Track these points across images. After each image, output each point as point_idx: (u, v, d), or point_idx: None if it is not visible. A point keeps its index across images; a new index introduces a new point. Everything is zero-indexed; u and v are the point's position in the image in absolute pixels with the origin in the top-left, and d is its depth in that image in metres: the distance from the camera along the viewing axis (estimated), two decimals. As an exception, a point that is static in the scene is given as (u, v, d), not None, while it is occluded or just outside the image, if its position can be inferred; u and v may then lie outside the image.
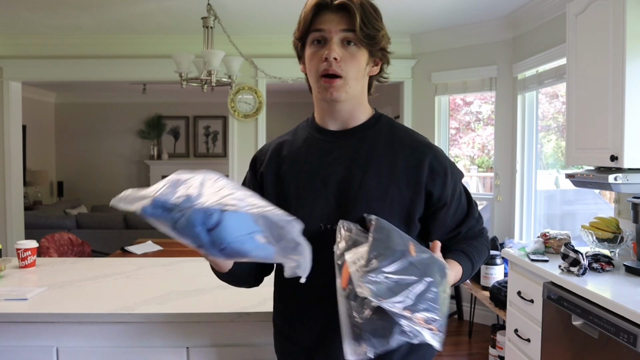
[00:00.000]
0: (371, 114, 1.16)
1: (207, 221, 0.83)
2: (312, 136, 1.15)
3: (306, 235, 1.03)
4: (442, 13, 3.83)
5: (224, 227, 0.84)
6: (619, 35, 2.14)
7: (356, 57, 1.05)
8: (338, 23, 1.03)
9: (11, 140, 4.60)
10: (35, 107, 7.38)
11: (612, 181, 2.13)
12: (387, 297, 0.86)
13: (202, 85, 3.36)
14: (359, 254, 0.92)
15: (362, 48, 1.05)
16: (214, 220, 0.83)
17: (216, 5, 3.33)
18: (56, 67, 4.58)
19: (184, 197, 0.85)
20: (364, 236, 0.97)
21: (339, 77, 1.04)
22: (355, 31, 1.02)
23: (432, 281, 0.92)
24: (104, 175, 8.21)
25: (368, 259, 0.90)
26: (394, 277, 0.89)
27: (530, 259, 2.44)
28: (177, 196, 0.86)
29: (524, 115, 3.87)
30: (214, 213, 0.84)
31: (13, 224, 4.64)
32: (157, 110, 8.25)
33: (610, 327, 1.76)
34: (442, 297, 0.93)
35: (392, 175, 1.08)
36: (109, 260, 2.44)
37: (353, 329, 0.88)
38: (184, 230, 0.85)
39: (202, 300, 1.71)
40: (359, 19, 1.02)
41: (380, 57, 1.11)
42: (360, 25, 1.02)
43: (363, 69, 1.07)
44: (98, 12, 3.81)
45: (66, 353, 1.58)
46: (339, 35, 1.04)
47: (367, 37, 1.04)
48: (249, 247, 0.86)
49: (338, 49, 1.03)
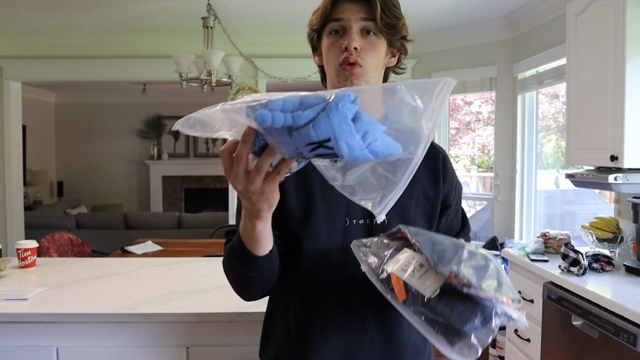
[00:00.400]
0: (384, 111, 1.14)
1: (352, 109, 0.64)
2: None
3: (332, 230, 1.02)
4: (442, 13, 3.83)
5: (366, 118, 0.66)
6: (619, 35, 2.14)
7: (376, 46, 1.02)
8: (357, 12, 1.00)
9: (11, 140, 4.60)
10: (35, 107, 7.38)
11: (612, 181, 2.13)
12: (482, 283, 0.80)
13: (202, 85, 3.36)
14: (403, 260, 0.86)
15: (381, 38, 1.02)
16: (355, 108, 0.64)
17: (216, 5, 3.33)
18: (56, 67, 4.58)
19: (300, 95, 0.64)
20: (393, 245, 0.91)
21: (359, 66, 1.00)
22: (375, 20, 0.99)
23: (497, 265, 0.86)
24: (104, 175, 8.22)
25: (429, 256, 0.83)
26: (469, 263, 0.82)
27: (530, 259, 2.44)
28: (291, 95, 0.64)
29: (524, 115, 3.87)
30: (355, 99, 0.64)
31: (13, 224, 4.64)
32: (157, 110, 8.25)
33: (610, 327, 1.76)
34: (508, 278, 0.87)
35: (417, 171, 1.07)
36: (109, 260, 2.44)
37: (443, 333, 0.80)
38: (332, 126, 0.62)
39: (202, 300, 1.71)
40: (380, 8, 0.99)
41: (399, 47, 1.08)
42: (380, 14, 0.99)
43: (382, 59, 1.04)
44: (98, 12, 3.81)
45: (66, 353, 1.58)
46: (359, 24, 1.00)
47: (388, 26, 1.01)
48: (389, 140, 0.68)
49: (358, 38, 1.00)
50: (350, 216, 1.04)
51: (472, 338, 0.80)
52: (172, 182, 8.41)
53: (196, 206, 8.30)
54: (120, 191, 8.28)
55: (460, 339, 0.80)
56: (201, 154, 8.45)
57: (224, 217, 5.24)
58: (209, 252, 3.26)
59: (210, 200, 8.38)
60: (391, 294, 0.84)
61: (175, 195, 8.45)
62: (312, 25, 1.07)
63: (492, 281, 0.81)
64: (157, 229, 5.27)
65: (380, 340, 1.04)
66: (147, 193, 8.35)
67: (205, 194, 8.49)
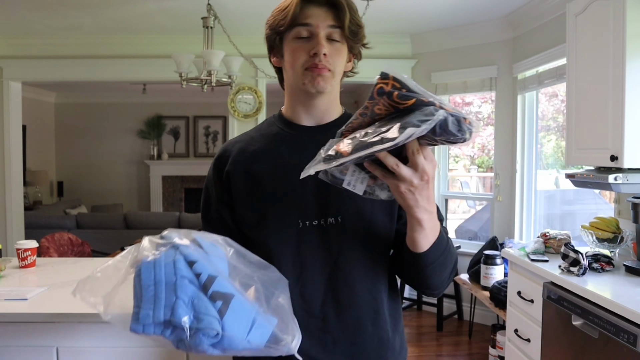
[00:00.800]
0: (342, 111, 1.16)
1: (210, 341, 0.78)
2: (284, 132, 1.11)
3: (285, 233, 1.04)
4: (442, 13, 3.83)
5: (228, 336, 0.78)
6: (619, 35, 2.14)
7: (341, 52, 1.04)
8: (325, 18, 1.01)
9: (11, 140, 4.60)
10: (35, 107, 7.37)
11: (612, 181, 2.13)
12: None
13: (202, 85, 3.36)
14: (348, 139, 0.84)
15: (344, 44, 1.04)
16: (217, 339, 0.77)
17: (216, 5, 3.33)
18: (56, 67, 4.58)
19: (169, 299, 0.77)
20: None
21: (328, 71, 1.03)
22: (343, 28, 1.01)
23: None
24: (104, 175, 8.21)
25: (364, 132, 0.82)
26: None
27: (530, 259, 2.44)
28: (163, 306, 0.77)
29: (524, 115, 3.87)
30: (216, 333, 0.77)
31: (13, 224, 4.64)
32: (157, 110, 8.25)
33: (610, 327, 1.76)
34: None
35: None
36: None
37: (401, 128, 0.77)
38: (190, 350, 0.80)
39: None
40: (348, 15, 1.01)
41: (357, 52, 1.10)
42: (348, 23, 1.01)
43: (344, 64, 1.07)
44: (98, 12, 3.81)
45: (66, 353, 1.58)
46: (326, 30, 1.01)
47: (352, 34, 1.03)
48: (256, 338, 0.80)
49: (326, 44, 1.01)
50: (303, 218, 1.05)
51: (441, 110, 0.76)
52: (172, 182, 8.41)
53: (196, 206, 8.30)
54: (120, 191, 8.28)
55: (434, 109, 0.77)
56: (201, 154, 8.45)
57: (224, 217, 5.23)
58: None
59: (210, 200, 8.36)
60: (340, 158, 0.82)
61: (175, 195, 8.45)
62: (275, 26, 1.05)
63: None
64: (157, 229, 5.23)
65: (342, 339, 1.05)
66: (147, 193, 8.35)
67: (205, 194, 8.47)
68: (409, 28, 4.31)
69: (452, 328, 4.06)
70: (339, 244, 1.05)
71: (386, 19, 3.95)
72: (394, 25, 4.19)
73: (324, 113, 1.11)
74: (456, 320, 4.21)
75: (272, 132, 1.13)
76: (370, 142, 0.79)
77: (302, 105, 1.10)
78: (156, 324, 0.76)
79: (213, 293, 0.77)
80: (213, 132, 8.43)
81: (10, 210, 4.62)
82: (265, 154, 1.10)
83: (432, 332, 3.99)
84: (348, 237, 1.05)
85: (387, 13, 3.79)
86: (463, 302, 4.21)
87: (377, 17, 3.82)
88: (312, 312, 1.05)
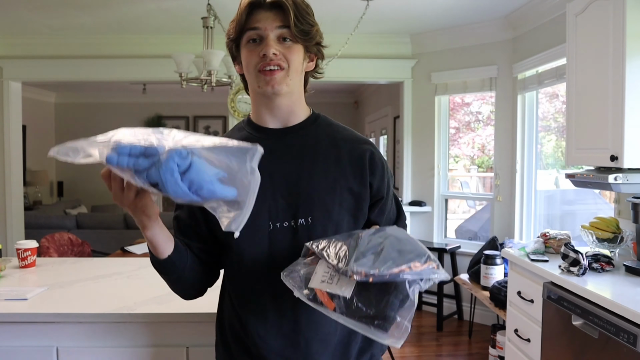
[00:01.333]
0: (309, 112, 1.17)
1: (182, 164, 0.80)
2: (252, 135, 1.13)
3: (256, 235, 1.06)
4: (442, 13, 3.83)
5: (197, 169, 0.81)
6: (619, 35, 2.14)
7: (293, 51, 1.07)
8: (273, 20, 1.05)
9: (11, 140, 4.60)
10: (35, 107, 7.38)
11: (612, 181, 2.13)
12: (381, 267, 0.86)
13: (202, 85, 3.36)
14: (320, 272, 0.93)
15: (297, 43, 1.07)
16: (187, 162, 0.80)
17: (216, 5, 3.33)
18: (56, 67, 4.58)
19: (149, 139, 0.80)
20: (309, 262, 0.98)
21: (280, 69, 1.05)
22: (290, 27, 1.04)
23: (397, 234, 0.95)
24: (104, 175, 8.20)
25: (334, 264, 0.91)
26: (368, 252, 0.90)
27: (530, 259, 2.44)
28: (139, 140, 0.80)
29: (524, 115, 3.87)
30: (187, 154, 0.80)
31: (13, 224, 4.64)
32: (157, 110, 8.25)
33: (610, 327, 1.76)
34: (414, 240, 0.95)
35: (339, 169, 1.11)
36: (109, 260, 2.44)
37: (376, 325, 0.87)
38: (160, 176, 0.79)
39: (202, 300, 1.71)
40: (293, 16, 1.04)
41: (315, 52, 1.13)
42: (294, 21, 1.04)
43: (300, 63, 1.09)
44: (98, 12, 3.81)
45: (66, 353, 1.58)
46: (275, 32, 1.05)
47: (302, 33, 1.06)
48: (218, 188, 0.83)
49: (275, 45, 1.04)
50: (274, 219, 1.07)
51: (398, 319, 0.86)
52: (172, 182, 8.40)
53: (196, 206, 8.29)
54: (120, 191, 8.28)
55: (389, 323, 0.86)
56: (201, 154, 8.45)
57: (224, 217, 5.23)
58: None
59: (210, 200, 8.37)
60: (323, 307, 0.91)
61: (175, 195, 8.44)
62: (230, 35, 1.10)
63: (393, 256, 0.87)
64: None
65: (313, 339, 1.08)
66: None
67: (205, 194, 8.48)
68: (409, 28, 4.31)
69: (452, 328, 4.06)
70: None
71: (386, 19, 3.95)
72: (394, 25, 4.19)
73: (288, 114, 1.13)
74: (456, 320, 4.21)
75: (242, 137, 1.13)
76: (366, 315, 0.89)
77: (265, 108, 1.12)
78: (131, 156, 0.79)
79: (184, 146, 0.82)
80: (213, 132, 8.42)
81: (10, 210, 4.62)
82: None
83: (432, 332, 3.99)
84: (318, 238, 1.06)
85: (387, 13, 3.79)
86: (463, 302, 4.21)
87: (377, 17, 3.82)
88: (284, 314, 1.07)
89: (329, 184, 1.09)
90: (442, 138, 4.52)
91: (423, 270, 0.87)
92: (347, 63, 4.43)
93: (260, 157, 0.84)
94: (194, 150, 0.81)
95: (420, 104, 4.58)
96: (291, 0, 1.05)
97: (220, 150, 0.83)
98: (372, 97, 7.06)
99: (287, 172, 1.09)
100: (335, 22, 3.96)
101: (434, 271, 0.88)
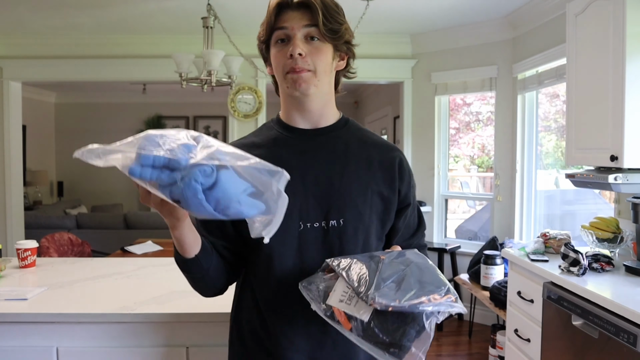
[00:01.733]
0: (339, 115, 1.17)
1: (206, 182, 0.75)
2: (283, 135, 1.12)
3: (286, 235, 1.05)
4: (442, 13, 3.83)
5: (223, 187, 0.76)
6: (619, 35, 2.14)
7: (322, 50, 1.05)
8: (300, 19, 1.04)
9: (11, 140, 4.60)
10: (35, 107, 7.38)
11: (612, 181, 2.13)
12: (401, 298, 0.86)
13: (202, 85, 3.36)
14: (339, 291, 0.93)
15: (326, 42, 1.06)
16: (212, 180, 0.75)
17: (216, 5, 3.33)
18: (56, 67, 4.58)
19: (175, 150, 0.75)
20: (329, 277, 0.98)
21: (307, 71, 1.04)
22: (318, 26, 1.03)
23: (418, 262, 0.95)
24: (104, 175, 8.19)
25: (354, 287, 0.91)
26: (389, 279, 0.89)
27: (530, 259, 2.44)
28: (165, 150, 0.75)
29: (524, 115, 3.87)
30: (212, 171, 0.75)
31: (13, 224, 4.64)
32: (157, 110, 8.24)
33: (610, 327, 1.76)
34: (434, 269, 0.95)
35: (370, 173, 1.11)
36: (109, 260, 2.44)
37: (391, 352, 0.87)
38: (183, 196, 0.74)
39: (202, 300, 1.71)
40: (321, 14, 1.03)
41: (345, 50, 1.11)
42: (322, 20, 1.03)
43: (329, 63, 1.08)
44: (98, 12, 3.81)
45: (66, 353, 1.58)
46: (302, 31, 1.04)
47: (330, 32, 1.05)
48: (245, 208, 0.79)
49: (302, 44, 1.04)
50: (305, 220, 1.06)
51: (412, 349, 0.86)
52: (172, 182, 8.40)
53: (196, 206, 8.29)
54: (120, 191, 8.28)
55: (404, 352, 0.86)
56: (201, 154, 8.44)
57: (224, 217, 5.23)
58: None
59: (210, 200, 8.37)
60: (339, 325, 0.91)
61: (175, 195, 8.44)
62: (260, 37, 1.11)
63: (414, 287, 0.88)
64: (157, 229, 5.26)
65: (341, 340, 1.04)
66: (147, 193, 8.35)
67: (205, 194, 8.48)
68: (409, 28, 4.31)
69: (452, 328, 4.06)
70: (340, 246, 1.07)
71: (386, 19, 3.95)
72: (394, 25, 4.19)
73: (319, 117, 1.13)
74: (456, 320, 4.21)
75: (271, 137, 1.14)
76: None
77: (296, 110, 1.12)
78: (154, 168, 0.74)
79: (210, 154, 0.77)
80: (213, 132, 8.42)
81: (10, 210, 4.62)
82: (267, 159, 1.10)
83: (432, 332, 3.99)
84: (348, 240, 1.06)
85: (387, 13, 3.79)
86: (463, 302, 4.17)
87: (377, 17, 3.82)
88: (313, 314, 1.04)
89: (361, 187, 1.09)
90: (442, 138, 4.52)
91: (441, 303, 0.87)
92: (347, 63, 4.44)
93: (286, 183, 0.81)
94: (221, 158, 0.76)
95: (420, 104, 4.58)
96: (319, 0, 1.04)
97: (248, 167, 0.79)
98: (372, 97, 7.06)
99: (319, 172, 1.08)
100: (335, 22, 3.94)
101: (452, 305, 0.88)
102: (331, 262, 0.98)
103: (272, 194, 0.80)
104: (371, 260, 0.96)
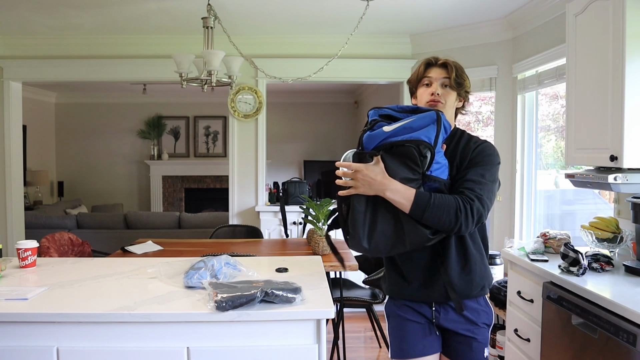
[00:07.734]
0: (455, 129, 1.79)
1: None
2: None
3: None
4: (442, 13, 3.83)
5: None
6: (619, 35, 2.14)
7: (450, 94, 1.73)
8: (440, 73, 1.73)
9: (11, 140, 4.60)
10: (35, 107, 7.38)
11: (612, 181, 2.13)
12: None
13: (202, 85, 3.36)
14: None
15: (453, 90, 1.73)
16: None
17: (216, 6, 3.33)
18: (56, 67, 4.58)
19: None
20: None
21: (441, 103, 1.71)
22: (450, 79, 1.71)
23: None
24: (104, 175, 8.22)
25: None
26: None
27: (530, 259, 2.44)
28: None
29: (524, 115, 3.87)
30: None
31: (13, 224, 4.64)
32: (157, 110, 8.25)
33: (610, 327, 1.76)
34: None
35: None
36: (109, 260, 2.44)
37: None
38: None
39: (202, 300, 1.71)
40: (454, 73, 1.71)
41: (463, 96, 1.77)
42: (454, 76, 1.71)
43: (453, 101, 1.75)
44: (98, 12, 3.82)
45: (66, 353, 1.59)
46: (440, 80, 1.72)
47: (457, 84, 1.72)
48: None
49: (440, 88, 1.72)
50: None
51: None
52: (172, 182, 8.41)
53: (196, 206, 8.30)
54: (120, 191, 8.29)
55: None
56: (201, 154, 8.45)
57: (224, 217, 5.24)
58: (209, 252, 3.26)
59: (211, 200, 8.38)
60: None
61: (175, 195, 8.45)
62: (412, 81, 1.80)
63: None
64: (157, 229, 5.27)
65: (445, 281, 1.63)
66: (148, 193, 8.36)
67: (205, 194, 8.49)
68: (409, 28, 4.31)
69: (452, 328, 4.05)
70: None
71: (386, 19, 3.95)
72: (394, 25, 4.19)
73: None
74: (456, 320, 4.20)
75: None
76: None
77: None
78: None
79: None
80: (213, 132, 8.43)
81: (10, 210, 4.62)
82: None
83: (432, 332, 3.98)
84: None
85: (387, 13, 3.79)
86: (463, 302, 4.20)
87: (377, 17, 3.82)
88: (426, 264, 1.69)
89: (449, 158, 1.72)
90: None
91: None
92: (347, 63, 4.44)
93: None
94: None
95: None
96: (452, 63, 1.72)
97: None
98: (372, 97, 7.06)
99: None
100: (335, 22, 3.96)
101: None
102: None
103: None
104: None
